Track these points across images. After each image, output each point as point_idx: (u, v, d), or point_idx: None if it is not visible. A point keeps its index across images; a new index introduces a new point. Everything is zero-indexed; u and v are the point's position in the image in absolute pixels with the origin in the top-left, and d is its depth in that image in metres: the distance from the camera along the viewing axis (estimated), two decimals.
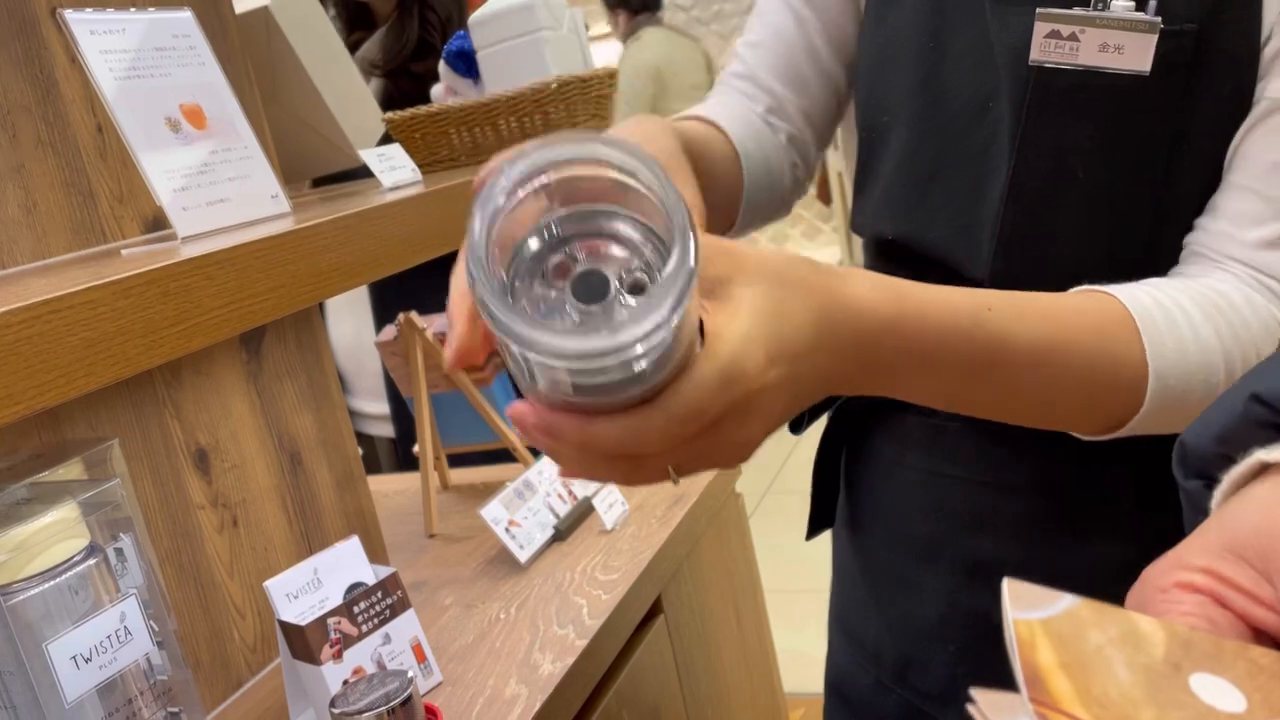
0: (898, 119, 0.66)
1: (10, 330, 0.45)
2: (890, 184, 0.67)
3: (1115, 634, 0.25)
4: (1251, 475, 0.30)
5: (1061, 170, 0.59)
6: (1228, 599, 0.27)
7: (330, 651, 0.81)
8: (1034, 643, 0.25)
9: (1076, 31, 0.56)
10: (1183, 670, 0.25)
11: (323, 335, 1.05)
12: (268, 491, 0.96)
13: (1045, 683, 0.24)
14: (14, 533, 0.59)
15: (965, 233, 0.62)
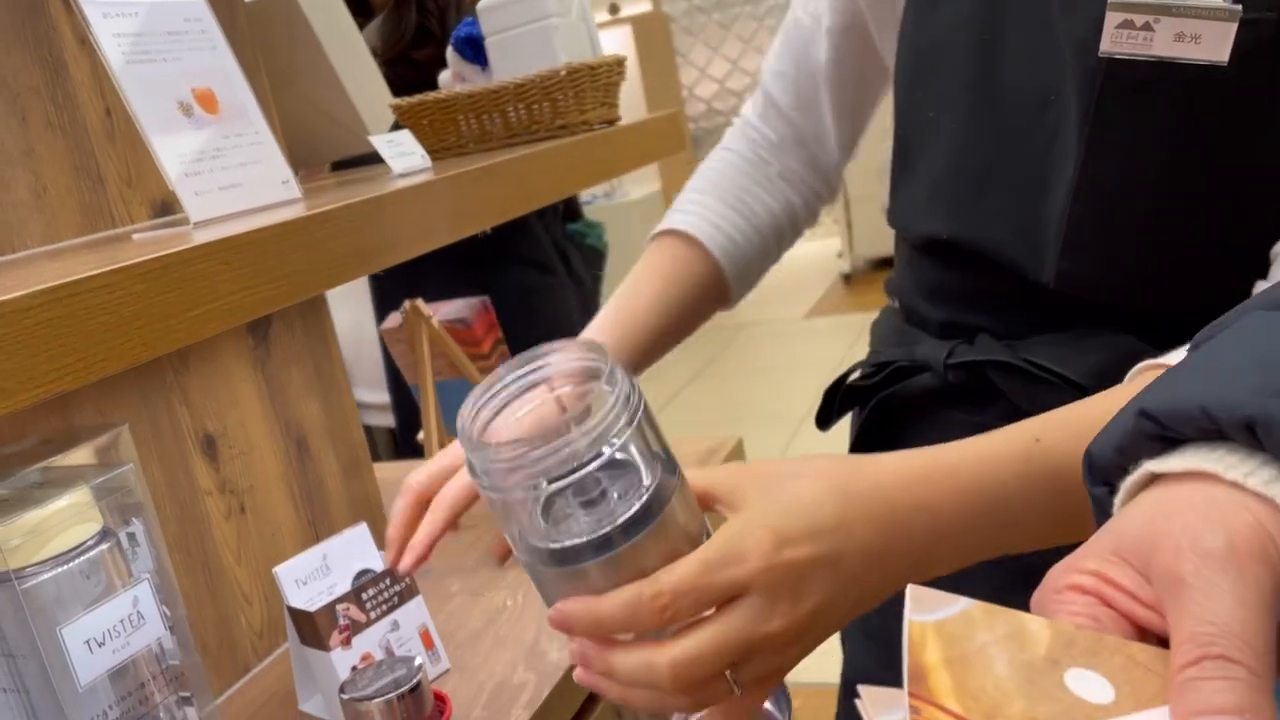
0: (947, 115, 0.64)
1: (29, 314, 0.45)
2: (940, 182, 0.66)
3: (1001, 633, 0.27)
4: (1142, 484, 0.32)
5: (1132, 167, 0.56)
6: (1112, 599, 0.29)
7: (339, 638, 0.82)
8: (924, 643, 0.27)
9: (1151, 21, 0.53)
10: (1060, 666, 0.27)
11: (329, 323, 1.05)
12: (275, 478, 0.96)
13: (926, 678, 0.26)
14: (27, 517, 0.59)
15: (1027, 232, 0.60)
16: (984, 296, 0.66)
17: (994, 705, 0.25)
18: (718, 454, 1.22)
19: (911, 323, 0.74)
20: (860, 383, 0.73)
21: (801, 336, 5.39)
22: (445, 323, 1.21)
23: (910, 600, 0.28)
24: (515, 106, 1.02)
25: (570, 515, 0.42)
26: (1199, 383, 0.31)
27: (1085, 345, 0.61)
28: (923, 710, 0.25)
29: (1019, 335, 0.64)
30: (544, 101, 1.02)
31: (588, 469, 0.40)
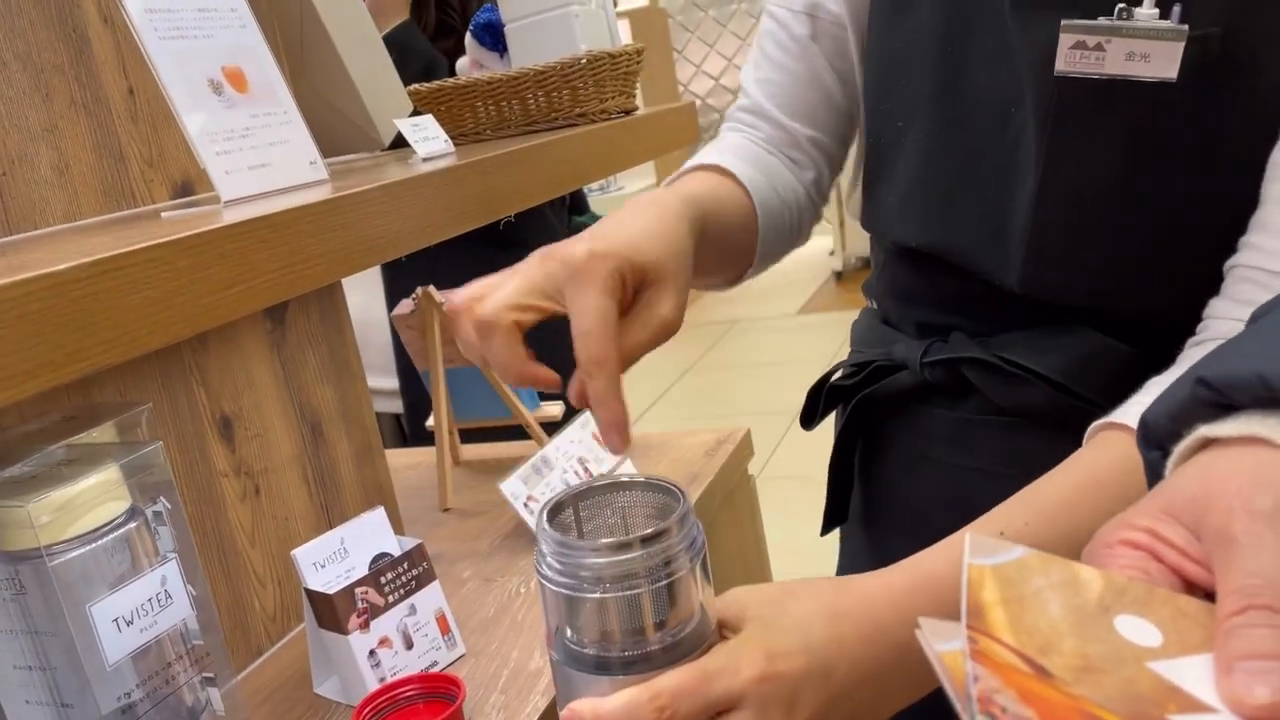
0: (914, 125, 0.66)
1: (77, 286, 0.45)
2: (910, 191, 0.67)
3: (1056, 579, 0.29)
4: (1196, 448, 0.33)
5: (1089, 178, 0.58)
6: (1163, 554, 0.30)
7: (358, 621, 0.81)
8: (982, 583, 0.28)
9: (1102, 41, 0.55)
10: (1111, 612, 0.28)
11: (344, 307, 1.05)
12: (289, 461, 0.96)
13: (984, 614, 0.27)
14: (57, 494, 0.58)
15: (994, 239, 0.62)
16: (956, 299, 0.68)
17: (1047, 642, 0.26)
18: (726, 444, 1.23)
19: (889, 323, 0.75)
20: (842, 382, 0.74)
21: (794, 333, 5.40)
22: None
23: (970, 546, 0.29)
24: (535, 94, 1.02)
25: (610, 628, 0.44)
26: (1256, 353, 0.33)
27: (1056, 342, 0.63)
28: (980, 640, 0.26)
29: (992, 333, 0.65)
30: (564, 89, 1.01)
31: (642, 589, 0.44)
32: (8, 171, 0.75)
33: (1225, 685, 0.26)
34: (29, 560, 0.58)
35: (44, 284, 0.44)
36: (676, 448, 1.25)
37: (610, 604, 0.44)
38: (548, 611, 0.47)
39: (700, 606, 0.46)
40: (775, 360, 4.81)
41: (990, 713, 0.23)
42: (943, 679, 0.25)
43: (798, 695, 0.43)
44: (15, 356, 0.42)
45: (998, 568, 0.28)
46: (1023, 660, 0.26)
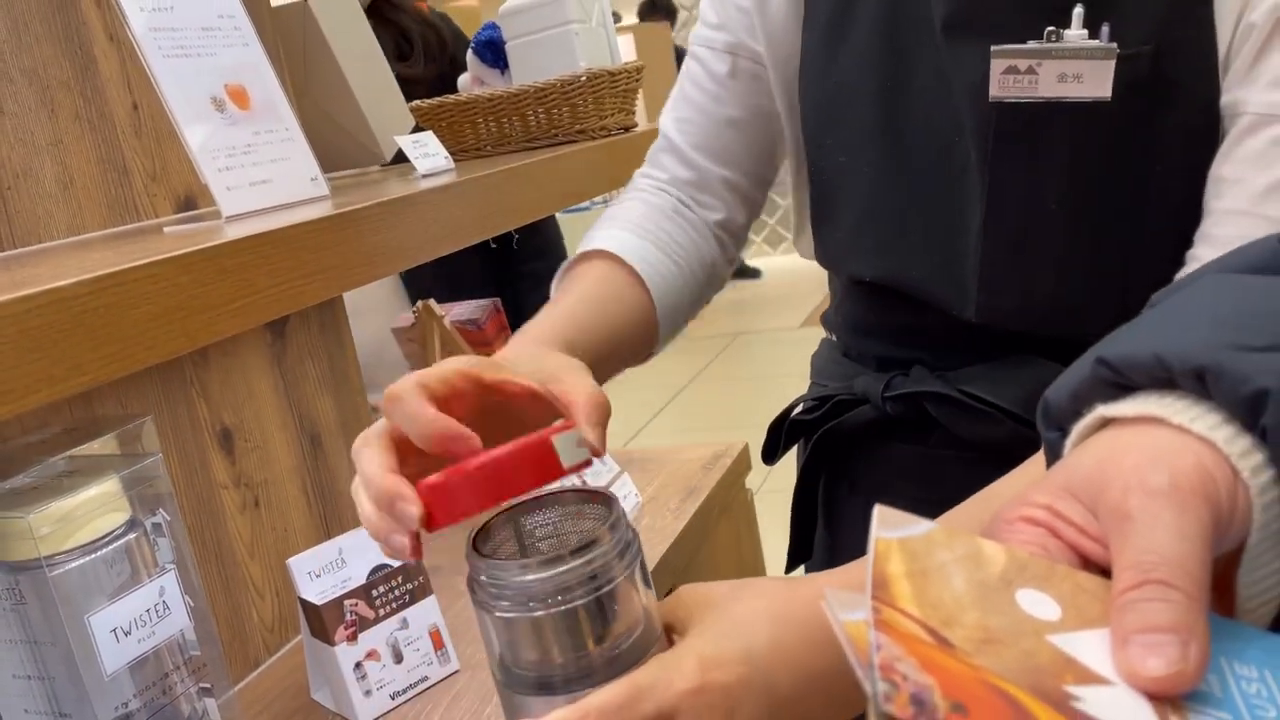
0: (858, 160, 0.66)
1: (78, 301, 0.46)
2: (860, 224, 0.67)
3: (960, 553, 0.29)
4: (1095, 428, 0.34)
5: (1033, 202, 0.59)
6: (1061, 531, 0.31)
7: (344, 633, 0.82)
8: (888, 555, 0.29)
9: (1034, 64, 0.56)
10: (1012, 586, 0.29)
11: (344, 320, 1.06)
12: (289, 473, 0.96)
13: (889, 586, 0.28)
14: (57, 505, 0.59)
15: (947, 269, 0.62)
16: (914, 332, 0.68)
17: (950, 614, 0.27)
18: (724, 458, 1.23)
19: (849, 356, 0.75)
20: (803, 416, 0.74)
21: (795, 346, 5.40)
22: (457, 323, 1.22)
23: (877, 517, 0.29)
24: (535, 110, 1.03)
25: (547, 645, 0.43)
26: (1155, 334, 0.33)
27: (1016, 375, 0.63)
28: (884, 611, 0.26)
29: (952, 366, 0.66)
30: (563, 106, 1.02)
31: (575, 602, 0.42)
32: (13, 185, 0.76)
33: (1121, 657, 0.26)
34: (29, 570, 0.59)
35: (46, 300, 0.45)
36: (673, 462, 1.26)
37: (544, 622, 0.42)
38: (485, 636, 0.45)
39: (643, 613, 0.45)
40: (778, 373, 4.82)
41: (891, 680, 0.24)
42: (846, 648, 0.26)
43: (737, 706, 0.42)
44: (17, 371, 0.43)
45: (904, 541, 0.29)
46: (926, 631, 0.26)
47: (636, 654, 0.44)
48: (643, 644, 0.44)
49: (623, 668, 0.43)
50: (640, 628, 0.44)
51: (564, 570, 0.42)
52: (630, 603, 0.44)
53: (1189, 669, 0.26)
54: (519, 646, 0.44)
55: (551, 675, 0.43)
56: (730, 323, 5.92)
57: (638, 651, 0.44)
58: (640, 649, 0.44)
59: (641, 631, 0.44)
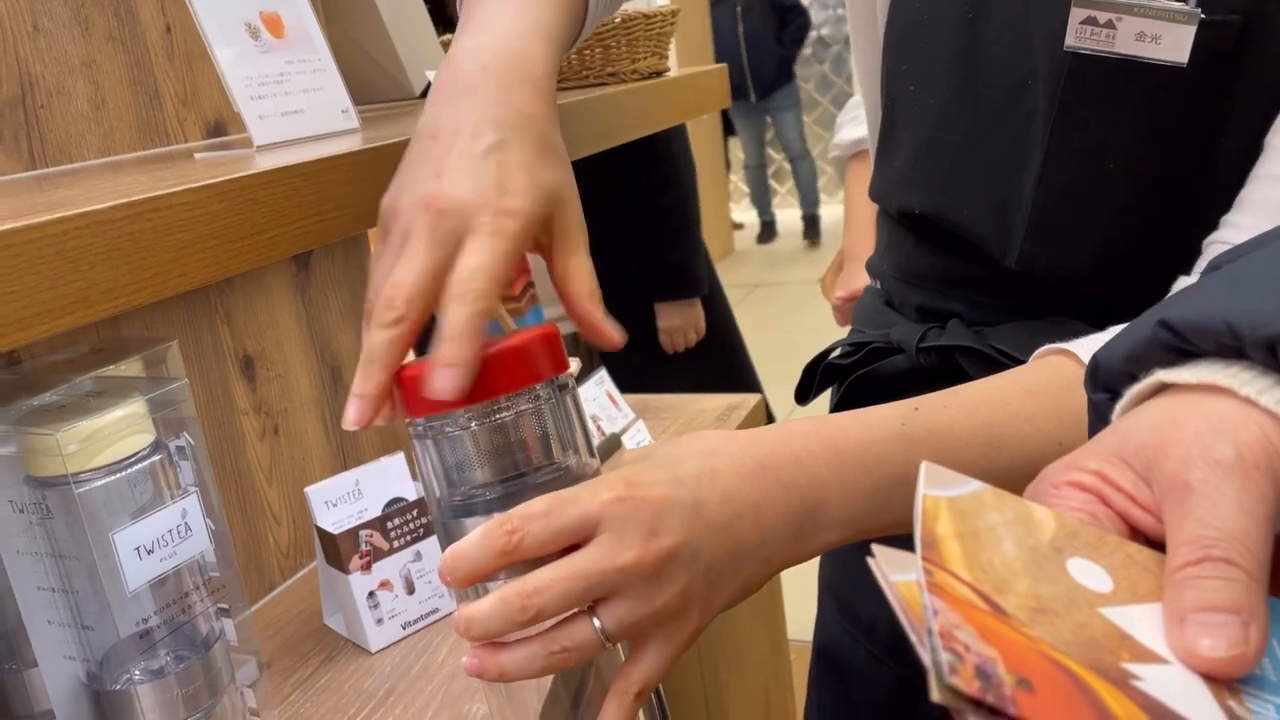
0: (929, 90, 0.65)
1: (114, 225, 0.46)
2: (918, 156, 0.67)
3: (1010, 516, 0.28)
4: (1150, 393, 0.32)
5: (1094, 158, 0.58)
6: (1110, 499, 0.30)
7: (359, 562, 0.84)
8: (937, 515, 0.28)
9: (1114, 19, 0.54)
10: (1063, 554, 0.28)
11: (368, 253, 1.06)
12: (309, 403, 0.97)
13: (939, 546, 0.27)
14: (84, 424, 0.60)
15: (997, 214, 0.62)
16: (956, 281, 0.68)
17: (1001, 580, 0.26)
18: (739, 410, 1.24)
19: (890, 305, 0.75)
20: (839, 360, 0.74)
21: (813, 301, 5.38)
22: None
23: (924, 474, 0.29)
24: None
25: (478, 466, 0.45)
26: (1225, 300, 0.32)
27: (1050, 335, 0.63)
28: (935, 573, 0.25)
29: (989, 322, 0.65)
30: (596, 48, 1.01)
31: (502, 416, 0.44)
32: (46, 104, 0.76)
33: (1177, 636, 0.25)
34: (56, 486, 0.60)
35: (83, 222, 0.45)
36: (689, 411, 1.26)
37: (476, 439, 0.44)
38: (423, 472, 0.47)
39: (576, 452, 0.46)
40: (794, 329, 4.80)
41: (954, 649, 0.23)
42: (898, 610, 0.25)
43: (660, 519, 0.41)
44: (53, 292, 0.44)
45: (953, 500, 0.28)
46: (979, 596, 0.25)
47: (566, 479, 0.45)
48: (573, 481, 0.45)
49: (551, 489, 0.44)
50: (571, 467, 0.46)
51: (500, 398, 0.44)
52: (559, 430, 0.46)
53: (1249, 651, 0.25)
54: (453, 472, 0.45)
55: (483, 499, 0.45)
56: (751, 274, 5.90)
57: (568, 484, 0.45)
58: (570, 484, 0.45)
59: (573, 472, 0.46)
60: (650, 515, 0.41)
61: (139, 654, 0.64)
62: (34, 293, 0.43)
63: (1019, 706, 0.22)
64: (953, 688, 0.22)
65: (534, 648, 0.41)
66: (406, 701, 0.75)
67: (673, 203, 2.01)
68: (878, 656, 0.71)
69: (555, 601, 0.40)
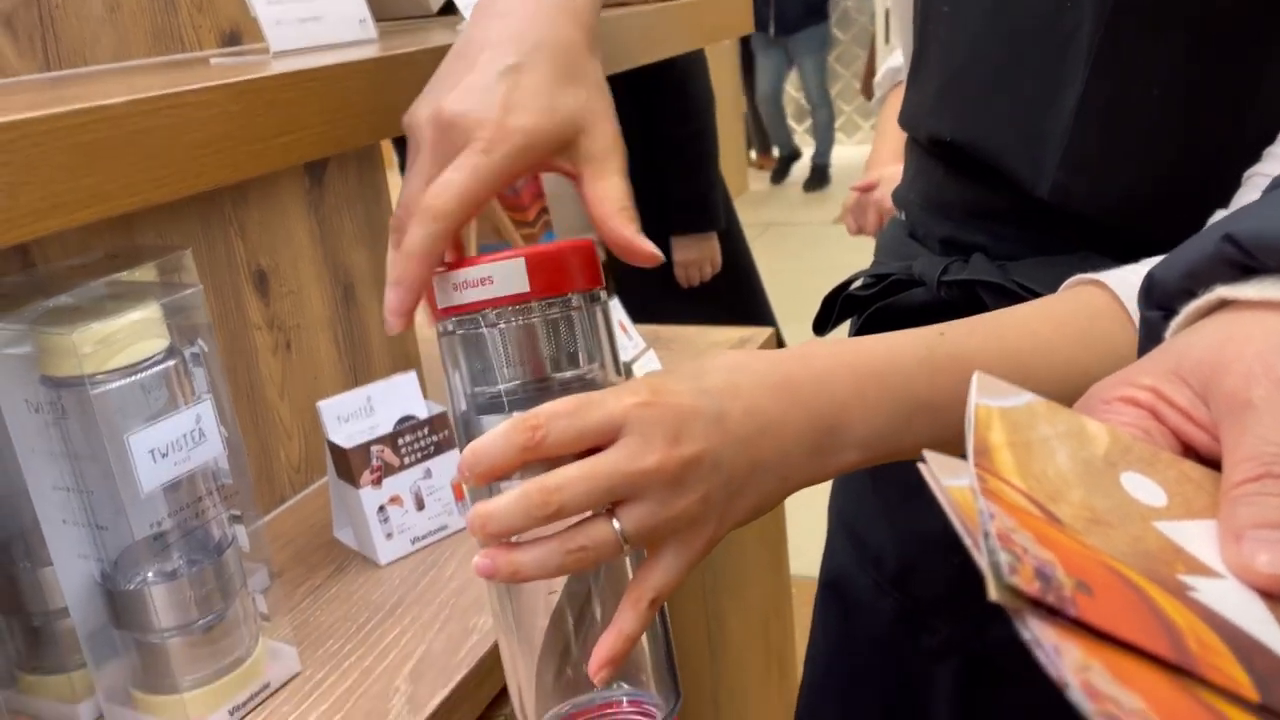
0: (964, 11, 0.64)
1: (130, 120, 0.46)
2: (949, 81, 0.65)
3: (1063, 429, 0.28)
4: (1208, 310, 0.32)
5: (1137, 83, 0.56)
6: (1165, 415, 0.30)
7: (370, 477, 0.84)
8: (989, 424, 0.27)
9: None
10: (1117, 468, 0.27)
11: (381, 171, 1.05)
12: (321, 320, 0.97)
13: (991, 455, 0.26)
14: (99, 326, 0.60)
15: (1029, 143, 0.60)
16: (983, 213, 0.67)
17: (1055, 490, 0.26)
18: (751, 342, 1.24)
19: (914, 237, 0.74)
20: (859, 292, 0.74)
21: (827, 241, 5.34)
22: None
23: (976, 384, 0.28)
24: None
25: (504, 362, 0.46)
26: None
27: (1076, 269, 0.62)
28: (989, 480, 0.25)
29: (1014, 257, 0.65)
30: None
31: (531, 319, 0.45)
32: (60, 5, 0.75)
33: (1233, 552, 0.25)
34: (71, 387, 0.61)
35: (99, 116, 0.45)
36: (701, 342, 1.26)
37: (505, 338, 0.45)
38: (448, 373, 0.47)
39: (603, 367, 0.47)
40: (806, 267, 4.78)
41: (1012, 551, 0.23)
42: (951, 514, 0.25)
43: (684, 426, 0.41)
44: (70, 185, 0.44)
45: (1005, 410, 0.28)
46: (1033, 505, 0.25)
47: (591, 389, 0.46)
48: (598, 387, 0.46)
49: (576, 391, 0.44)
50: (598, 380, 0.47)
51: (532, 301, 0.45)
52: (587, 339, 0.46)
53: None
54: (478, 372, 0.46)
55: (506, 400, 0.46)
56: (764, 213, 5.85)
57: (593, 389, 0.45)
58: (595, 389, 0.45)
59: (598, 385, 0.46)
60: (675, 421, 0.41)
61: (152, 556, 0.65)
62: (50, 184, 0.43)
63: (1079, 608, 0.21)
64: (1012, 587, 0.22)
65: (551, 546, 0.41)
66: (415, 613, 0.76)
67: (691, 134, 1.98)
68: (883, 587, 0.72)
69: (577, 499, 0.40)
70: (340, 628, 0.75)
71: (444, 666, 0.69)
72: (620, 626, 0.43)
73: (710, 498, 0.42)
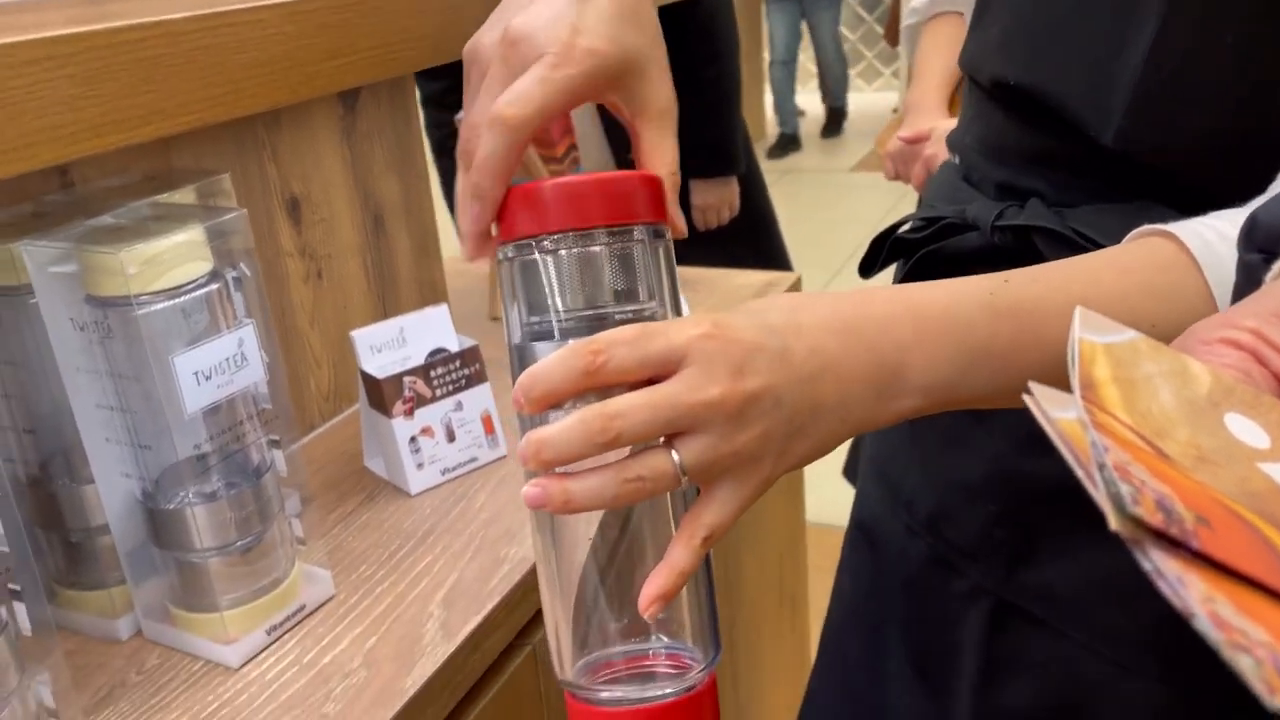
0: None
1: (188, 37, 0.45)
2: (1017, 24, 0.64)
3: (1167, 368, 0.28)
4: None
5: (1210, 31, 0.55)
6: (1267, 358, 0.29)
7: (403, 408, 0.85)
8: (1093, 359, 0.27)
9: None
10: (1220, 409, 0.27)
11: (413, 100, 1.04)
12: (351, 249, 0.97)
13: (1097, 389, 0.26)
14: (146, 246, 0.60)
15: (1095, 86, 0.59)
16: (1043, 158, 0.66)
17: (1160, 427, 0.26)
18: (776, 286, 1.23)
19: (969, 180, 0.73)
20: (909, 235, 0.73)
21: (844, 189, 5.30)
22: None
23: (1079, 318, 0.28)
24: None
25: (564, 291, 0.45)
26: None
27: (1134, 221, 0.61)
28: (1096, 414, 0.25)
29: (1072, 204, 0.64)
30: None
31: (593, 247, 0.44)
32: None
33: None
34: (117, 307, 0.61)
35: (159, 31, 0.44)
36: (726, 286, 1.26)
37: (566, 265, 0.45)
38: (508, 298, 0.47)
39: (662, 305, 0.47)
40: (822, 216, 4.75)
41: (1130, 482, 0.22)
42: (1061, 446, 0.24)
43: (748, 360, 0.41)
44: (130, 101, 0.43)
45: (1109, 346, 0.28)
46: (1141, 440, 0.25)
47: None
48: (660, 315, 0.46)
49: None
50: (657, 309, 0.47)
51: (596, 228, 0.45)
52: (647, 272, 0.46)
53: None
54: (537, 299, 0.46)
55: (566, 327, 0.45)
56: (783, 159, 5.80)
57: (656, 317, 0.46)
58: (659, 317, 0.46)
59: (657, 315, 0.46)
60: (739, 355, 0.41)
61: (193, 477, 0.65)
62: (111, 100, 0.42)
63: (1200, 541, 0.21)
64: (1136, 518, 0.22)
65: (606, 475, 0.41)
66: (446, 542, 0.77)
67: (714, 76, 1.95)
68: (914, 531, 0.72)
69: (636, 427, 0.40)
70: (372, 554, 0.76)
71: (476, 594, 0.70)
72: (672, 562, 0.43)
73: (770, 435, 0.42)
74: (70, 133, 0.40)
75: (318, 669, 0.65)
